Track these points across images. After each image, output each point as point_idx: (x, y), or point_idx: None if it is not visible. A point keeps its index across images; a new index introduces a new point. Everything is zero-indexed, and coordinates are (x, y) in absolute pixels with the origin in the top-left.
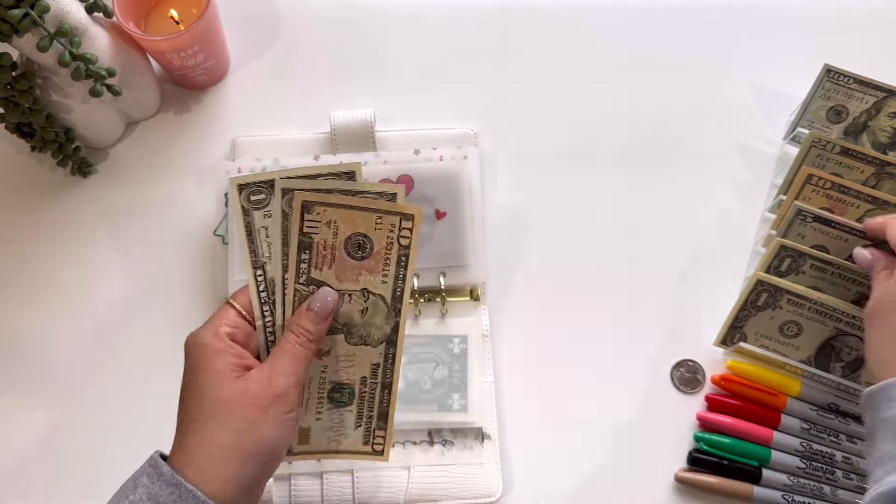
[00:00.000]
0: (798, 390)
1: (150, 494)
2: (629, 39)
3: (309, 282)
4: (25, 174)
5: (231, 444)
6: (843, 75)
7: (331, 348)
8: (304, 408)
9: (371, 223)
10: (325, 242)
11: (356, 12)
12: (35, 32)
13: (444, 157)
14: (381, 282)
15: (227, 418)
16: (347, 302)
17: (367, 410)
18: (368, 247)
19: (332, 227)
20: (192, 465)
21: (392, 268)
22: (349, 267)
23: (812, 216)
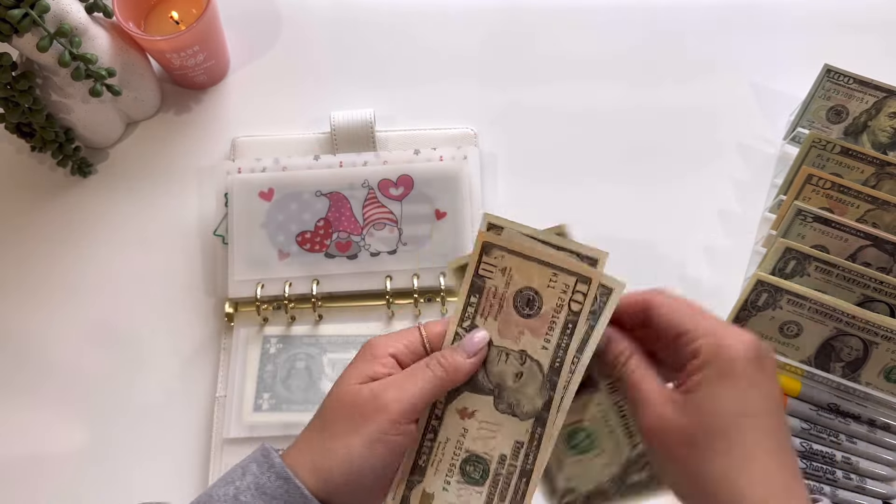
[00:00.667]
0: (798, 390)
1: (257, 484)
2: (629, 39)
3: (471, 328)
4: (25, 174)
5: (324, 448)
6: (843, 75)
7: (476, 410)
8: (433, 468)
9: (545, 279)
10: (495, 290)
11: (356, 12)
12: (35, 32)
13: (444, 157)
14: (541, 346)
15: (331, 422)
16: (504, 362)
17: (497, 500)
18: (537, 304)
19: (506, 275)
20: (294, 460)
21: (556, 333)
22: (513, 322)
23: (812, 216)
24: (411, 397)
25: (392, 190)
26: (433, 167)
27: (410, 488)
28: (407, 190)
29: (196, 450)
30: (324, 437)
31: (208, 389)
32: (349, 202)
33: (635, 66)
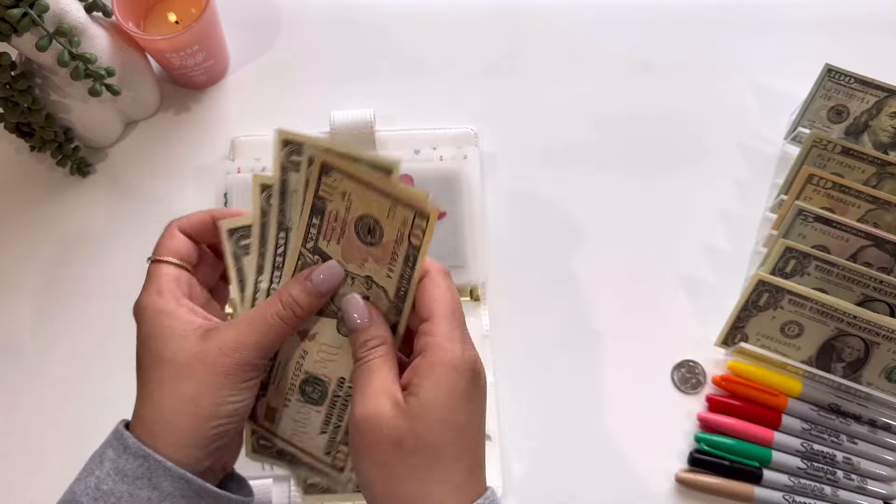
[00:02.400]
0: (799, 391)
1: (116, 468)
2: (630, 39)
3: (315, 250)
4: (24, 174)
5: (188, 410)
6: (843, 75)
7: (317, 333)
8: (274, 385)
9: (385, 210)
10: (336, 213)
11: (356, 12)
12: (34, 32)
13: (444, 157)
14: (385, 275)
15: (184, 383)
16: (350, 285)
17: (335, 419)
18: (378, 234)
19: (345, 199)
20: (152, 434)
21: (399, 265)
22: (356, 248)
23: (813, 216)
24: (267, 350)
25: None
26: (433, 167)
27: (256, 400)
28: None
29: None
30: (182, 399)
31: None
32: None
33: (635, 65)
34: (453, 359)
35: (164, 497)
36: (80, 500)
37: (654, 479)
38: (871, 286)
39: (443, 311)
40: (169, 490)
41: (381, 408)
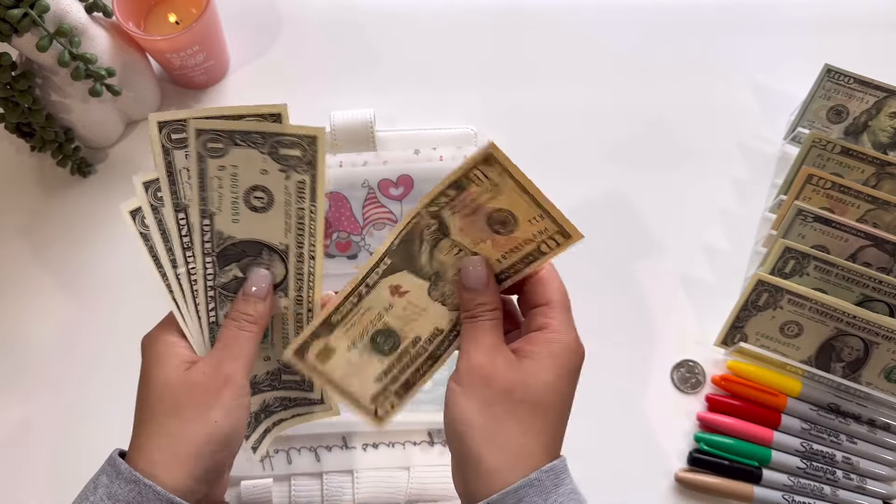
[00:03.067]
0: (798, 390)
1: (109, 493)
2: (629, 39)
3: (435, 215)
4: (25, 174)
5: (181, 437)
6: (843, 75)
7: (408, 291)
8: (344, 328)
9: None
10: (475, 197)
11: (356, 12)
12: (35, 32)
13: (444, 157)
14: (496, 259)
15: (176, 411)
16: (454, 255)
17: (397, 372)
18: (510, 228)
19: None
20: (147, 461)
21: (517, 257)
22: (480, 229)
23: (812, 216)
24: (245, 358)
25: (392, 190)
26: (433, 167)
27: (313, 339)
28: (407, 190)
29: None
30: (175, 426)
31: None
32: (349, 202)
33: (635, 66)
34: (570, 341)
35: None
36: None
37: (653, 479)
38: (871, 286)
39: (560, 298)
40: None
41: (496, 359)
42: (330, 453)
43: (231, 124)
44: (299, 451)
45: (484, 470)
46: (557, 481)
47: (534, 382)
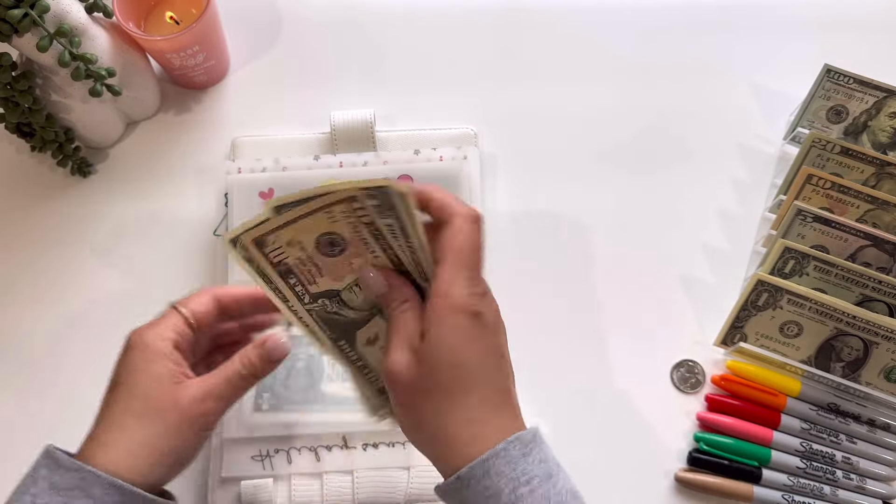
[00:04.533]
0: (798, 390)
1: (51, 484)
2: (629, 40)
3: (314, 298)
4: (25, 174)
5: (149, 444)
6: (843, 75)
7: (376, 332)
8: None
9: (326, 222)
10: (300, 259)
11: (356, 12)
12: (35, 32)
13: (444, 158)
14: (373, 258)
15: (153, 421)
16: (359, 291)
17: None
18: (339, 240)
19: (294, 244)
20: (103, 453)
21: (374, 245)
22: (337, 265)
23: (812, 216)
24: (229, 402)
25: None
26: (433, 167)
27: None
28: None
29: None
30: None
31: None
32: None
33: (635, 66)
34: (453, 302)
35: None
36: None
37: (653, 479)
38: (870, 286)
39: (450, 255)
40: (101, 497)
41: (401, 358)
42: (330, 453)
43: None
44: (299, 450)
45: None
46: (525, 451)
47: (430, 368)
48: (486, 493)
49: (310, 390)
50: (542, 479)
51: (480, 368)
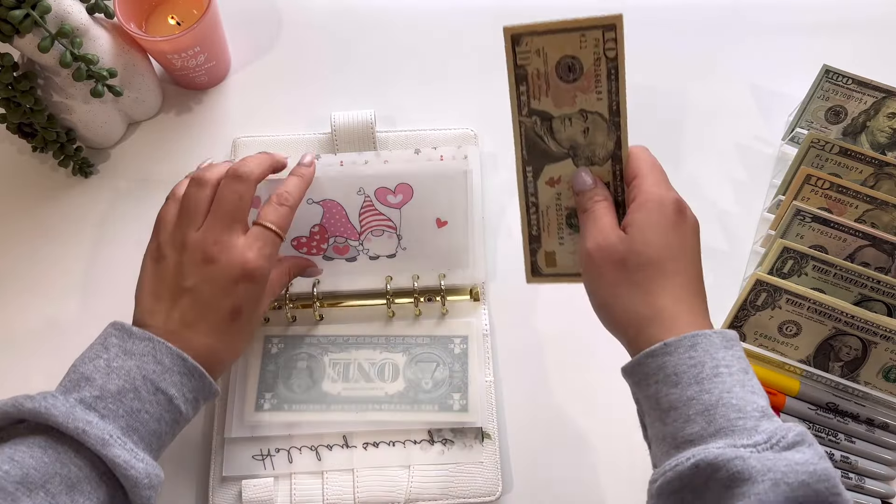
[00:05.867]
0: (797, 390)
1: (124, 350)
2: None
3: (531, 112)
4: (27, 175)
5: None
6: (841, 76)
7: (561, 175)
8: (546, 232)
9: (576, 43)
10: (538, 72)
11: (356, 13)
12: (36, 33)
13: (445, 157)
14: (595, 99)
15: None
16: (569, 126)
17: None
18: (578, 67)
19: (541, 55)
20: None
21: (604, 83)
22: (564, 91)
23: (811, 216)
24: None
25: (390, 198)
26: (434, 167)
27: (534, 254)
28: (406, 198)
29: (197, 450)
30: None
31: None
32: (344, 210)
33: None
34: (660, 197)
35: (166, 371)
36: (93, 376)
37: None
38: (869, 286)
39: (647, 167)
40: (169, 365)
41: (608, 238)
42: (331, 452)
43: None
44: (300, 450)
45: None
46: (727, 344)
47: (640, 245)
48: (691, 361)
49: (311, 390)
50: (738, 369)
51: (683, 255)
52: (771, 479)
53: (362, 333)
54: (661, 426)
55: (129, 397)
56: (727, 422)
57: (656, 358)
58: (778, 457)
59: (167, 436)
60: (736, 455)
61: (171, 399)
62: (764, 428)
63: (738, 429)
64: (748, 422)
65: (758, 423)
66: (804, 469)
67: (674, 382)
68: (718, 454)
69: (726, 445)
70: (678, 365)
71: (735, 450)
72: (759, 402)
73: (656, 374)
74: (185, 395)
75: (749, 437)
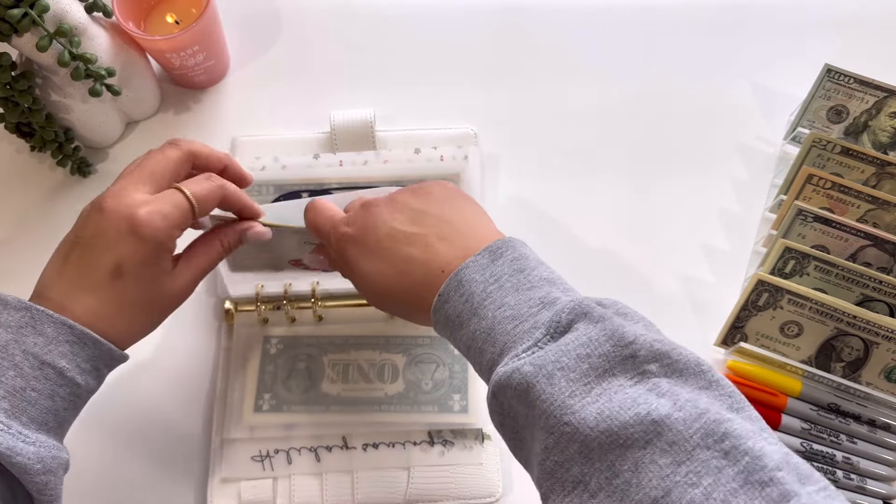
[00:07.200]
0: (799, 390)
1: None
2: (630, 40)
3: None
4: (25, 174)
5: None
6: (843, 75)
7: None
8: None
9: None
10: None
11: (356, 12)
12: (34, 32)
13: (445, 157)
14: None
15: (143, 310)
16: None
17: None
18: None
19: None
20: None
21: None
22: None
23: (812, 216)
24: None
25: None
26: (434, 167)
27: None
28: None
29: (196, 450)
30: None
31: (208, 390)
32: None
33: (635, 66)
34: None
35: (50, 342)
36: None
37: None
38: (871, 286)
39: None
40: (53, 335)
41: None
42: (330, 453)
43: None
44: (299, 451)
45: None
46: (495, 256)
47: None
48: (462, 298)
49: (310, 391)
50: (511, 273)
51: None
52: (544, 375)
53: (362, 334)
54: (477, 371)
55: (9, 375)
56: (506, 335)
57: (439, 312)
58: (550, 348)
59: (68, 411)
60: (514, 368)
61: (61, 372)
62: (543, 321)
63: (518, 336)
64: (525, 324)
65: (536, 318)
66: (577, 344)
67: (458, 325)
68: (502, 374)
69: (509, 360)
70: (455, 307)
71: (514, 361)
72: (535, 295)
73: (447, 327)
74: (79, 365)
75: (529, 339)
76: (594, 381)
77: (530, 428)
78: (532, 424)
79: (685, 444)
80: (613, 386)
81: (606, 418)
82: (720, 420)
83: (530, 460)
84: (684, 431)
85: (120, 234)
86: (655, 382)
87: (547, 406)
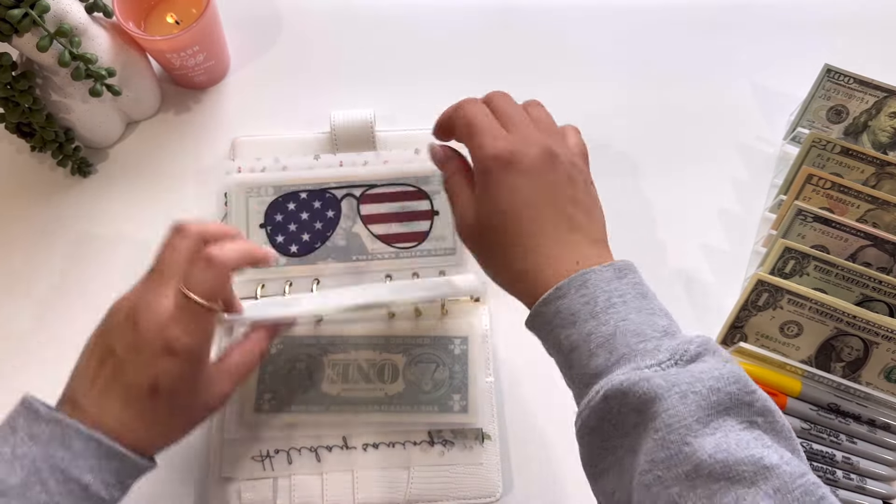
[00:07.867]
0: (798, 390)
1: (30, 434)
2: (629, 39)
3: None
4: (25, 174)
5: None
6: (843, 75)
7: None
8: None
9: None
10: None
11: (356, 12)
12: (35, 32)
13: None
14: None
15: (178, 416)
16: None
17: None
18: None
19: None
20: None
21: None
22: None
23: (812, 216)
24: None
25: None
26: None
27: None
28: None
29: (196, 450)
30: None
31: None
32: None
33: (635, 66)
34: (488, 155)
35: (77, 457)
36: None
37: None
38: (871, 286)
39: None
40: (80, 450)
41: (465, 215)
42: (330, 453)
43: None
44: (299, 451)
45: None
46: (620, 274)
47: (491, 213)
48: (583, 299)
49: (310, 391)
50: (634, 296)
51: (541, 198)
52: (678, 393)
53: (362, 334)
54: (570, 370)
55: (35, 490)
56: (627, 348)
57: (550, 304)
58: (682, 371)
59: None
60: (641, 377)
61: (86, 487)
62: (666, 346)
63: (640, 352)
64: (649, 344)
65: (659, 342)
66: (710, 375)
67: (570, 322)
68: (623, 380)
69: (630, 370)
70: (572, 305)
71: (639, 372)
72: (658, 322)
73: (554, 320)
74: (104, 479)
75: (652, 358)
76: (714, 415)
77: (635, 437)
78: (640, 434)
79: (788, 494)
80: (728, 424)
81: (723, 450)
82: (818, 484)
83: (611, 469)
84: (789, 483)
85: (155, 354)
86: (759, 434)
87: (674, 421)
